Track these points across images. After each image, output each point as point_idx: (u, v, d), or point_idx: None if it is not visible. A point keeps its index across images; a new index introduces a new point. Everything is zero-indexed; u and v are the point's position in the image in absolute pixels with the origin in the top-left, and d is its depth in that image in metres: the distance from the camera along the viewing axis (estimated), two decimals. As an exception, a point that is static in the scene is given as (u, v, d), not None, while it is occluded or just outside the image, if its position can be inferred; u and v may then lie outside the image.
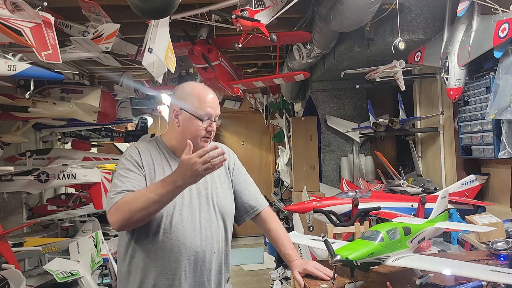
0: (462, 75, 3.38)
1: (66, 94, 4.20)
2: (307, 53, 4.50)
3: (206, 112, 1.89)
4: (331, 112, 5.93)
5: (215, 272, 1.96)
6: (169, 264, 1.84)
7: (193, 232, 1.87)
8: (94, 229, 4.64)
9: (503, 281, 1.83)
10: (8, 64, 2.67)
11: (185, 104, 1.90)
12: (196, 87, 1.97)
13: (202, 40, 3.95)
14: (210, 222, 1.94)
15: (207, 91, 1.96)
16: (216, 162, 1.67)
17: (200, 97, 1.91)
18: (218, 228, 1.97)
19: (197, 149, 1.86)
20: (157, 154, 1.95)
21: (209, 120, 1.90)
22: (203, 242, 1.89)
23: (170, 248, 1.84)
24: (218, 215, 1.97)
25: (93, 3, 3.01)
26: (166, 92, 6.12)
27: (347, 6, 3.15)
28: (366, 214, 3.35)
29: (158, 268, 1.84)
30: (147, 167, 1.89)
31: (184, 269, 1.86)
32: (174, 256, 1.84)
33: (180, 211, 1.87)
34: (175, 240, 1.84)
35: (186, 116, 1.90)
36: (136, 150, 1.92)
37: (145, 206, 1.70)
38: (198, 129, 1.89)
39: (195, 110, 1.89)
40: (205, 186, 1.96)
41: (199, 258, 1.89)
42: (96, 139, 5.94)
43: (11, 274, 2.96)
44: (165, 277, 1.84)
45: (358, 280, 2.20)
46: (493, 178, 3.64)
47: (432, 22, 3.83)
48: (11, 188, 3.81)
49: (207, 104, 1.90)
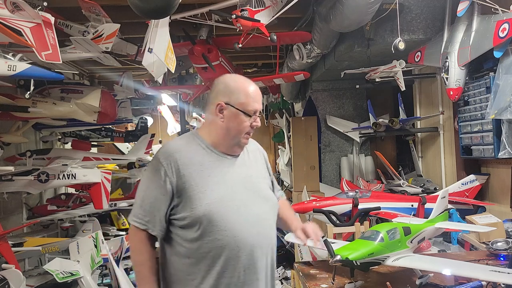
0: (462, 75, 3.38)
1: (66, 94, 4.21)
2: (307, 53, 4.50)
3: (253, 107, 1.82)
4: (331, 112, 5.93)
5: (271, 267, 1.88)
6: (228, 262, 1.75)
7: (251, 227, 1.78)
8: (94, 229, 4.63)
9: (503, 281, 1.84)
10: (8, 64, 2.67)
11: (231, 99, 1.81)
12: (240, 80, 1.88)
13: (202, 40, 3.95)
14: (265, 215, 1.86)
15: (250, 83, 1.88)
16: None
17: (246, 91, 1.83)
18: (271, 221, 1.90)
19: (239, 144, 1.85)
20: (197, 151, 1.83)
21: (255, 115, 1.84)
22: (260, 236, 1.81)
23: (228, 245, 1.74)
24: (269, 208, 1.90)
25: (93, 3, 3.01)
26: (166, 92, 6.13)
27: (347, 6, 3.15)
28: (366, 214, 3.35)
29: (217, 267, 1.74)
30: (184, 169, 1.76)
31: (244, 265, 1.76)
32: (233, 253, 1.75)
33: (235, 206, 1.77)
34: (232, 236, 1.74)
35: (233, 112, 1.80)
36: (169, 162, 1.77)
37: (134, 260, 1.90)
38: (244, 125, 1.81)
39: (242, 105, 1.80)
40: (252, 180, 1.89)
41: (258, 253, 1.79)
42: (96, 139, 5.94)
43: (11, 274, 2.96)
44: (223, 275, 1.75)
45: (358, 280, 2.20)
46: (493, 178, 3.64)
47: (432, 22, 3.83)
48: (11, 188, 3.81)
49: (254, 99, 1.83)
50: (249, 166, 1.90)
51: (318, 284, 2.29)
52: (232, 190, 1.79)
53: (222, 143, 1.84)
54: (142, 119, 6.33)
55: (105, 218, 6.36)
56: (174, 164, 1.76)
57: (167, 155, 1.79)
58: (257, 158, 1.98)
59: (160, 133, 7.92)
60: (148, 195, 1.78)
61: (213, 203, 1.72)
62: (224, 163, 1.83)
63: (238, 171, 1.85)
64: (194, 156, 1.80)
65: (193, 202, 1.73)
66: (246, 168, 1.88)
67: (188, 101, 6.16)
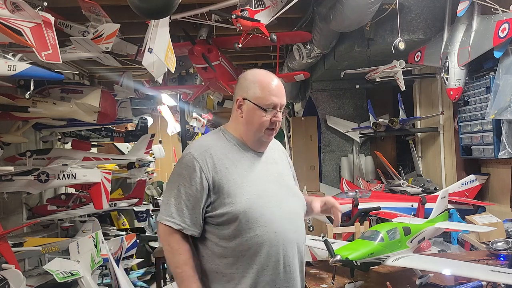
0: (462, 75, 3.38)
1: (66, 94, 4.19)
2: (307, 53, 4.50)
3: (270, 101, 1.75)
4: (331, 112, 5.93)
5: (303, 264, 1.85)
6: (269, 259, 1.69)
7: (289, 223, 1.76)
8: (94, 229, 4.63)
9: (503, 281, 1.84)
10: (8, 64, 2.67)
11: (248, 94, 1.77)
12: (259, 74, 1.83)
13: (202, 40, 3.95)
14: (297, 211, 1.84)
15: (271, 77, 1.81)
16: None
17: (263, 85, 1.77)
18: (303, 219, 1.88)
19: (260, 141, 1.81)
20: (228, 146, 1.80)
21: (274, 110, 1.77)
22: (296, 233, 1.78)
23: (269, 241, 1.69)
24: (301, 205, 1.88)
25: (93, 3, 3.01)
26: (166, 92, 6.13)
27: (347, 6, 3.15)
28: (366, 214, 3.35)
29: (256, 265, 1.69)
30: (220, 164, 1.73)
31: (284, 262, 1.72)
32: (274, 250, 1.70)
33: (274, 202, 1.74)
34: (272, 232, 1.70)
35: (250, 106, 1.77)
36: (204, 158, 1.73)
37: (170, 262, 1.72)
38: (263, 120, 1.75)
39: (258, 99, 1.75)
40: (284, 177, 1.87)
41: (295, 250, 1.77)
42: (96, 139, 5.93)
43: (11, 274, 2.96)
44: (263, 273, 1.69)
45: (358, 280, 2.20)
46: (493, 178, 3.64)
47: (432, 22, 3.83)
48: (11, 188, 3.80)
49: (271, 93, 1.76)
50: (278, 164, 1.89)
51: (318, 284, 2.29)
52: (269, 186, 1.76)
53: (246, 138, 1.82)
54: (142, 119, 6.31)
55: (105, 218, 6.35)
56: (210, 160, 1.72)
57: (202, 150, 1.75)
58: (282, 156, 1.97)
59: (160, 133, 7.91)
60: (182, 193, 1.71)
61: (253, 198, 1.69)
62: (255, 159, 1.81)
63: (270, 167, 1.84)
64: (228, 152, 1.78)
65: (232, 197, 1.69)
66: (276, 165, 1.87)
67: (188, 101, 6.16)
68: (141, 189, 5.64)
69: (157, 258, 4.63)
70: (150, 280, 6.05)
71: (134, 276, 5.84)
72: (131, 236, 4.77)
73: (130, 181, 7.03)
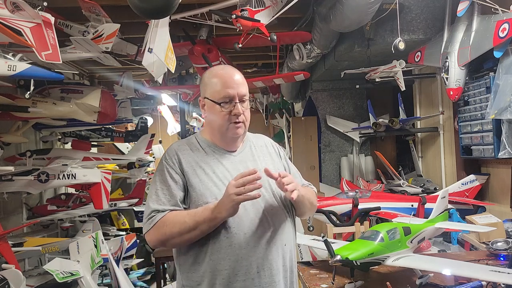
0: (462, 75, 3.38)
1: (66, 94, 4.19)
2: (307, 53, 4.50)
3: (224, 94, 1.70)
4: (331, 112, 5.93)
5: (290, 269, 1.76)
6: (239, 263, 1.63)
7: (261, 223, 1.67)
8: (94, 229, 4.63)
9: (503, 281, 1.84)
10: (8, 64, 2.67)
11: (206, 92, 1.76)
12: (214, 70, 1.81)
13: (202, 40, 3.95)
14: (276, 210, 1.73)
15: (225, 71, 1.78)
16: (250, 187, 1.51)
17: (217, 79, 1.74)
18: (285, 217, 1.77)
19: (228, 137, 1.77)
20: (198, 149, 1.79)
21: (232, 102, 1.71)
22: (273, 234, 1.68)
23: (238, 245, 1.63)
24: (281, 204, 1.77)
25: (93, 3, 3.01)
26: (166, 92, 6.13)
27: (347, 6, 3.15)
28: (366, 214, 3.35)
29: (226, 271, 1.63)
30: (189, 168, 1.72)
31: (258, 266, 1.64)
32: (243, 253, 1.62)
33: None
34: (242, 234, 1.63)
35: (209, 104, 1.75)
36: (174, 151, 1.77)
37: (181, 232, 1.60)
38: (221, 115, 1.71)
39: (213, 95, 1.72)
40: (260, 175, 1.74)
41: (273, 253, 1.67)
42: (96, 139, 5.93)
43: (11, 274, 2.96)
44: (236, 279, 1.62)
45: (358, 280, 2.20)
46: (493, 178, 3.64)
47: (432, 22, 3.83)
48: (11, 188, 3.80)
49: (225, 85, 1.71)
50: (258, 160, 1.83)
51: (318, 284, 2.29)
52: None
53: (215, 138, 1.80)
54: (142, 119, 6.32)
55: (105, 218, 6.36)
56: (177, 162, 1.73)
57: (171, 154, 1.76)
58: (265, 153, 1.89)
59: (160, 133, 7.91)
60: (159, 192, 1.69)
61: (219, 198, 1.62)
62: (227, 159, 1.78)
63: (245, 166, 1.77)
64: (196, 155, 1.77)
65: (199, 199, 1.67)
66: (251, 163, 1.80)
67: (188, 101, 6.15)
68: (141, 189, 5.64)
69: (157, 258, 4.63)
70: (150, 280, 6.06)
71: (134, 276, 5.84)
72: (131, 236, 4.78)
73: (130, 181, 7.04)
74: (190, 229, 1.60)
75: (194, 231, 1.61)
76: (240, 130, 1.76)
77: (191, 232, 1.61)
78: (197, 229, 1.60)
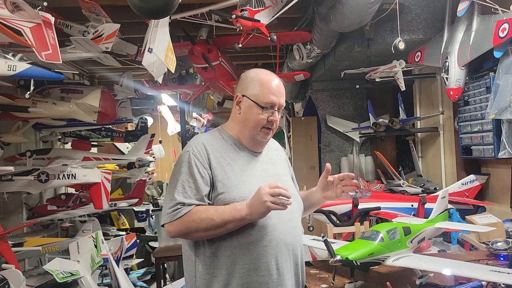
0: (462, 75, 3.38)
1: (66, 94, 4.19)
2: (307, 53, 4.50)
3: (268, 99, 1.75)
4: (331, 112, 5.93)
5: (301, 267, 1.82)
6: (260, 259, 1.67)
7: (283, 224, 1.72)
8: (94, 229, 4.63)
9: (503, 281, 1.84)
10: (8, 64, 2.66)
11: (247, 91, 1.78)
12: (261, 73, 1.84)
13: (202, 40, 3.95)
14: (294, 213, 1.81)
15: (272, 77, 1.82)
16: (283, 201, 1.58)
17: (263, 83, 1.78)
18: (298, 220, 1.85)
19: (256, 140, 1.80)
20: (224, 145, 1.81)
21: (272, 109, 1.77)
22: (291, 235, 1.75)
23: (261, 241, 1.67)
24: (297, 207, 1.85)
25: (93, 3, 3.01)
26: (166, 92, 6.13)
27: (347, 6, 3.15)
28: (366, 214, 3.35)
29: (246, 265, 1.67)
30: (217, 163, 1.74)
31: (277, 264, 1.69)
32: (265, 250, 1.67)
33: None
34: (265, 232, 1.68)
35: (248, 104, 1.78)
36: (202, 145, 1.76)
37: (207, 228, 1.63)
38: (259, 118, 1.75)
39: (257, 97, 1.76)
40: (281, 178, 1.85)
41: (289, 252, 1.74)
42: (96, 139, 5.93)
43: (11, 274, 2.96)
44: (255, 273, 1.66)
45: (358, 280, 2.20)
46: (493, 178, 3.64)
47: (432, 22, 3.83)
48: (11, 188, 3.80)
49: (270, 91, 1.76)
50: (275, 164, 1.89)
51: (318, 284, 2.28)
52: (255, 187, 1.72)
53: (243, 137, 1.82)
54: (142, 119, 6.32)
55: (105, 218, 6.35)
56: (206, 157, 1.73)
57: (199, 148, 1.76)
58: (281, 157, 1.96)
59: (160, 133, 7.91)
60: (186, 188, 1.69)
61: (247, 197, 1.66)
62: (253, 160, 1.81)
63: (267, 167, 1.83)
64: (224, 150, 1.79)
65: (226, 195, 1.69)
66: (273, 166, 1.87)
67: (188, 101, 6.16)
68: (141, 189, 5.64)
69: (157, 258, 4.63)
70: (150, 280, 6.06)
71: (134, 276, 5.84)
72: (131, 236, 4.77)
73: (130, 181, 7.03)
74: (217, 227, 1.63)
75: (220, 229, 1.64)
76: (269, 136, 1.83)
77: (217, 230, 1.64)
78: (224, 227, 1.64)
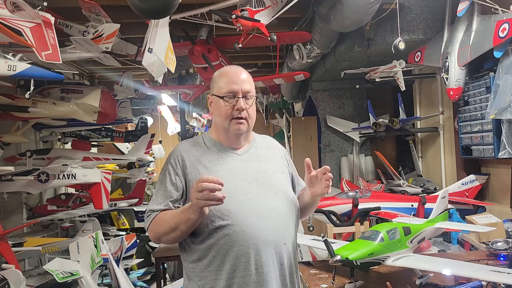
0: (462, 75, 3.38)
1: (66, 94, 4.20)
2: (307, 53, 4.50)
3: (229, 88, 1.76)
4: (331, 112, 5.93)
5: (289, 268, 1.76)
6: (238, 260, 1.65)
7: (262, 221, 1.68)
8: (94, 229, 4.63)
9: (503, 281, 1.84)
10: (8, 64, 2.67)
11: (214, 89, 1.82)
12: (223, 69, 1.89)
13: (202, 40, 3.95)
14: (280, 210, 1.75)
15: (232, 68, 1.86)
16: (210, 196, 1.49)
17: (222, 76, 1.81)
18: (286, 217, 1.77)
19: (230, 134, 1.80)
20: (203, 149, 1.82)
21: (235, 97, 1.76)
22: (273, 232, 1.69)
23: (237, 241, 1.65)
24: (286, 203, 1.79)
25: (93, 3, 3.01)
26: (166, 92, 6.13)
27: (347, 6, 3.15)
28: (366, 214, 3.35)
29: (227, 266, 1.66)
30: (191, 167, 1.75)
31: (256, 263, 1.66)
32: (242, 250, 1.65)
33: (246, 200, 1.69)
34: (240, 231, 1.65)
35: (215, 101, 1.80)
36: (179, 152, 1.81)
37: (166, 232, 1.67)
38: (225, 109, 1.76)
39: (219, 90, 1.78)
40: (267, 174, 1.80)
41: (271, 250, 1.69)
42: (96, 139, 5.94)
43: (11, 274, 2.96)
44: (234, 275, 1.65)
45: (358, 280, 2.20)
46: (493, 178, 3.64)
47: (432, 22, 3.83)
48: (11, 188, 3.80)
49: (230, 80, 1.77)
50: (262, 161, 1.85)
51: (318, 284, 2.29)
52: (242, 184, 1.72)
53: (220, 136, 1.84)
54: (142, 119, 6.32)
55: (105, 218, 6.36)
56: (180, 164, 1.77)
57: (175, 155, 1.80)
58: (275, 154, 1.93)
59: (160, 133, 7.91)
60: (160, 188, 1.77)
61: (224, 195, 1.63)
62: (231, 157, 1.81)
63: (251, 165, 1.80)
64: (201, 154, 1.80)
65: None
66: (259, 162, 1.83)
67: (188, 101, 6.16)
68: (141, 189, 5.65)
69: (157, 258, 4.63)
70: (150, 280, 6.06)
71: (134, 276, 5.85)
72: (131, 236, 4.77)
73: (130, 181, 7.04)
74: (172, 229, 1.66)
75: (176, 231, 1.65)
76: (243, 127, 1.78)
77: (174, 232, 1.66)
78: (178, 229, 1.65)
